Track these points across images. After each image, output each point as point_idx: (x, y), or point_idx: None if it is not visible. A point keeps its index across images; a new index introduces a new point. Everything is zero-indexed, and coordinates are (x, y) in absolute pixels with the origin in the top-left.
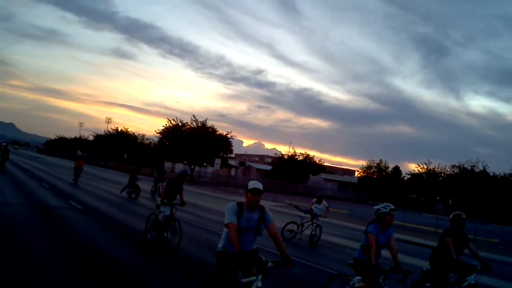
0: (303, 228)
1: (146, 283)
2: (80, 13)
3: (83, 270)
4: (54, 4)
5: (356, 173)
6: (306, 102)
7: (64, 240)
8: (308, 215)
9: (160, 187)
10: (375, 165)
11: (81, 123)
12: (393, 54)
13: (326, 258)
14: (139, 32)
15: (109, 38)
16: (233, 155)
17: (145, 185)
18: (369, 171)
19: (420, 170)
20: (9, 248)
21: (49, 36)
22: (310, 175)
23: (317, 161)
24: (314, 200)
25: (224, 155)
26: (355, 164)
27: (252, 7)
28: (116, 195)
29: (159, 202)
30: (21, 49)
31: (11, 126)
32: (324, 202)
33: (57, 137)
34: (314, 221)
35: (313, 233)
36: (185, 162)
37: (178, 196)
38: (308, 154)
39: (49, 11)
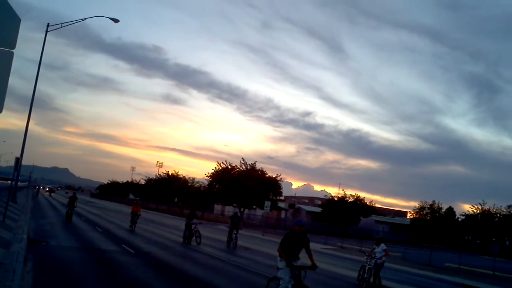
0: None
1: None
2: (132, 61)
3: None
4: (107, 53)
5: (409, 214)
6: (355, 143)
7: (115, 284)
8: (368, 259)
9: (234, 235)
10: (428, 206)
11: (133, 167)
12: (443, 94)
13: None
14: (189, 78)
15: (159, 84)
16: (282, 197)
17: (205, 231)
18: (421, 213)
19: (475, 211)
20: None
21: (102, 84)
22: (361, 217)
23: (367, 203)
24: (374, 245)
25: (274, 198)
26: (406, 205)
27: (299, 50)
28: (168, 239)
29: (280, 266)
30: (76, 96)
31: (66, 171)
32: (382, 245)
33: (109, 182)
34: (369, 263)
35: (365, 275)
36: (234, 205)
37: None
38: (359, 196)
39: (102, 60)
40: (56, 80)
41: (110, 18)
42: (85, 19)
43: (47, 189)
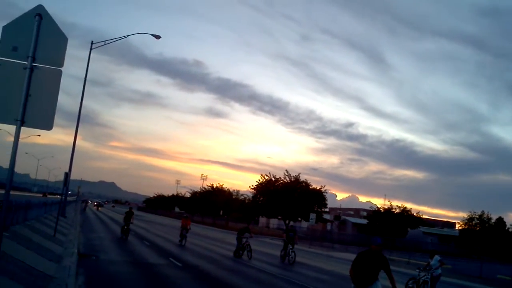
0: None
1: None
2: (174, 76)
3: None
4: (150, 68)
5: (457, 225)
6: (400, 153)
7: None
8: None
9: (290, 250)
10: (477, 216)
11: (178, 180)
12: (488, 102)
13: None
14: (230, 91)
15: (202, 98)
16: (327, 209)
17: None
18: (470, 223)
19: None
20: None
21: (145, 99)
22: (408, 229)
23: (414, 214)
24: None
25: (319, 210)
26: (455, 216)
27: (339, 61)
28: (217, 252)
29: None
30: (120, 112)
31: (112, 185)
32: (436, 257)
33: (155, 195)
34: (426, 276)
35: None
36: (279, 217)
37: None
38: (405, 207)
39: (145, 75)
40: (101, 96)
41: (152, 35)
42: (127, 36)
43: (95, 203)
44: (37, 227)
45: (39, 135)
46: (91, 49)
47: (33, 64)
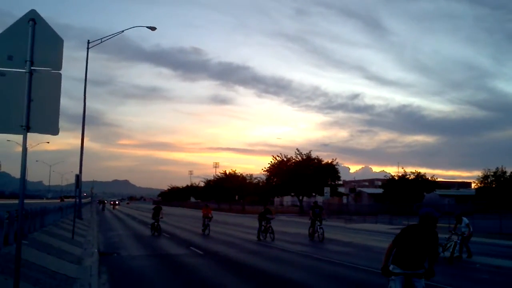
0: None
1: None
2: (175, 67)
3: None
4: (149, 61)
5: (473, 185)
6: (408, 119)
7: (187, 285)
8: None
9: (318, 226)
10: (492, 173)
11: (190, 171)
12: (491, 57)
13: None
14: (233, 75)
15: (205, 86)
16: (341, 182)
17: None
18: (486, 181)
19: None
20: None
21: (149, 94)
22: (424, 193)
23: (429, 178)
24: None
25: (332, 183)
26: (469, 175)
27: (337, 32)
28: (238, 237)
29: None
30: (125, 109)
31: (126, 183)
32: (464, 219)
33: (169, 188)
34: (457, 239)
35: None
36: (292, 194)
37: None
38: (419, 172)
39: (145, 69)
40: (104, 95)
41: (147, 27)
42: (123, 31)
43: (111, 202)
44: (55, 232)
45: (48, 142)
46: (88, 48)
47: (32, 68)
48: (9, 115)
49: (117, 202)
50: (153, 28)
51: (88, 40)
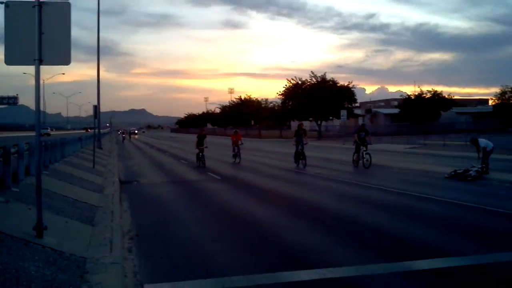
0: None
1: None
2: None
3: (224, 230)
4: None
5: (490, 101)
6: (425, 37)
7: (203, 207)
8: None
9: (364, 152)
10: (510, 90)
11: (206, 98)
12: None
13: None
14: None
15: (218, 11)
16: (357, 104)
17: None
18: (504, 97)
19: None
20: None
21: (162, 21)
22: (441, 112)
23: (446, 96)
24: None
25: (349, 106)
26: (487, 92)
27: None
28: (271, 166)
29: None
30: (138, 38)
31: (143, 111)
32: (481, 141)
33: (186, 115)
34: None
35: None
36: (311, 119)
37: None
38: (436, 91)
39: None
40: (117, 25)
41: None
42: None
43: (131, 132)
44: (75, 162)
45: (63, 73)
46: None
47: (40, 0)
48: (21, 48)
49: (135, 132)
50: None
51: None
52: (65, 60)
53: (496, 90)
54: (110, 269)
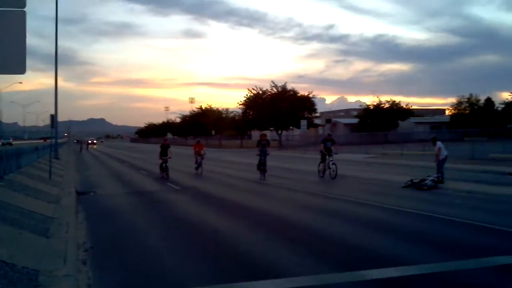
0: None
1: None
2: (146, 2)
3: (182, 242)
4: None
5: (447, 111)
6: (383, 48)
7: (161, 217)
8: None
9: (330, 162)
10: (466, 100)
11: (166, 107)
12: None
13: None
14: (205, 9)
15: (178, 21)
16: (318, 114)
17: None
18: (460, 108)
19: None
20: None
21: (122, 30)
22: (399, 121)
23: (404, 106)
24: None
25: (309, 115)
26: (444, 102)
27: None
28: (234, 176)
29: None
30: (98, 47)
31: (102, 121)
32: (438, 143)
33: (146, 125)
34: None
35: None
36: (271, 128)
37: None
38: (394, 101)
39: (117, 6)
40: (77, 34)
41: None
42: None
43: (89, 141)
44: (31, 173)
45: (21, 82)
46: None
47: None
48: None
49: (94, 141)
50: None
51: None
52: (20, 69)
53: (453, 100)
54: (63, 282)
